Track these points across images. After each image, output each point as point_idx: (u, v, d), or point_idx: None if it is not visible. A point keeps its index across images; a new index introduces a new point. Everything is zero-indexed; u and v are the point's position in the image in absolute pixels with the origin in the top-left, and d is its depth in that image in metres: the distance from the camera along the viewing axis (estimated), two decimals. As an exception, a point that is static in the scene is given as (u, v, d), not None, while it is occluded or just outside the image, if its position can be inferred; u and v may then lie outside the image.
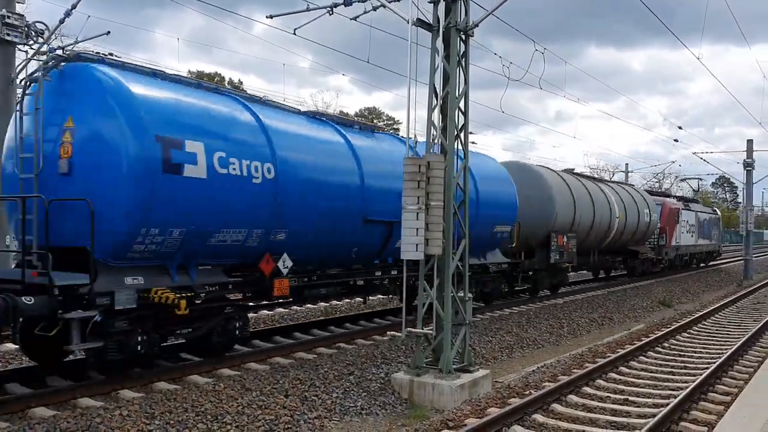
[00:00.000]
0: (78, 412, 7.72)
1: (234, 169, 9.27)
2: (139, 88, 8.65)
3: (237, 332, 10.36)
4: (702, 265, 38.86)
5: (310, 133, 11.49)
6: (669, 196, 36.56)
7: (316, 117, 12.44)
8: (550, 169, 21.56)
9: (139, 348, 8.73)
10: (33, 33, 13.98)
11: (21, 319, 7.93)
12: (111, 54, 9.80)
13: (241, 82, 62.42)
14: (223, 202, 9.14)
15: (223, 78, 60.60)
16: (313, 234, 10.92)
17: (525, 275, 19.26)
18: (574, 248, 20.64)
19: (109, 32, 18.53)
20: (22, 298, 7.61)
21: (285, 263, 10.45)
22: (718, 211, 44.75)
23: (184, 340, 10.42)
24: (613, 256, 26.76)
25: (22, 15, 13.91)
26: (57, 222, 8.27)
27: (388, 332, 13.48)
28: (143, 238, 8.38)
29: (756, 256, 44.02)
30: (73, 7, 14.30)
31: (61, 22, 14.61)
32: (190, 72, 55.09)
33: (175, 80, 9.75)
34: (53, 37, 14.80)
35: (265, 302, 14.34)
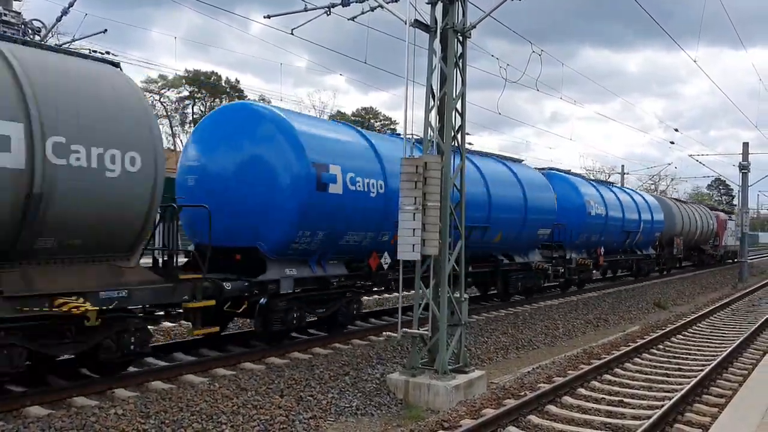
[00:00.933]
0: (73, 411, 7.70)
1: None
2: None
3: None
4: (734, 260, 46.71)
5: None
6: (721, 210, 49.79)
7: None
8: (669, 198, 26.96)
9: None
10: (30, 31, 13.93)
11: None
12: (108, 52, 9.81)
13: (238, 81, 62.38)
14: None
15: (220, 77, 60.56)
16: None
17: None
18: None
19: (105, 30, 18.54)
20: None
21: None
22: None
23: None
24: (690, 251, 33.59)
25: (19, 13, 13.84)
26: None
27: (384, 332, 13.49)
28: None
29: (751, 259, 45.13)
30: (71, 5, 14.30)
31: (58, 20, 14.62)
32: (187, 71, 55.03)
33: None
34: (50, 35, 14.79)
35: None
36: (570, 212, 21.36)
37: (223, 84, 60.12)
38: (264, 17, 13.02)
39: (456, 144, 10.48)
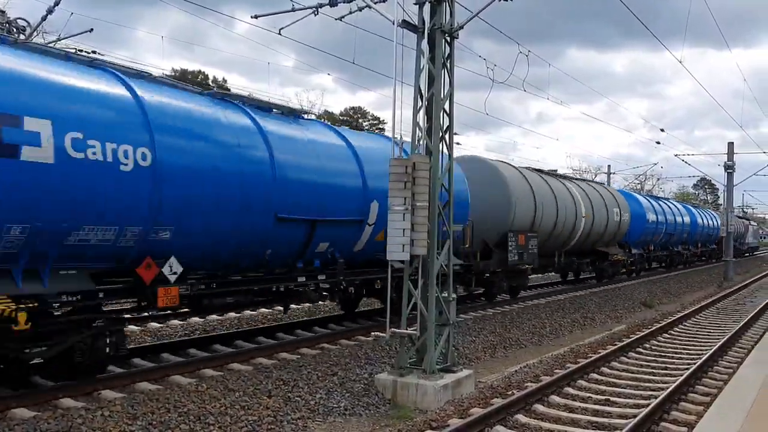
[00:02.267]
0: (59, 413, 7.66)
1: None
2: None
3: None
4: (749, 254, 67.96)
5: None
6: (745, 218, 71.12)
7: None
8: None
9: None
10: (15, 29, 13.84)
11: None
12: (94, 51, 9.74)
13: (225, 81, 62.15)
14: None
15: (207, 76, 60.30)
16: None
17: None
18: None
19: (92, 29, 18.41)
20: None
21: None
22: (755, 223, 79.44)
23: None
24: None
25: (4, 11, 13.77)
26: None
27: (372, 333, 13.49)
28: None
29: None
30: (56, 3, 14.20)
31: (44, 18, 14.51)
32: (174, 70, 54.81)
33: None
34: (35, 33, 14.68)
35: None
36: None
37: (211, 83, 59.87)
38: (252, 17, 12.98)
39: (444, 144, 10.50)
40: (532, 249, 19.26)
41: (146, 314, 12.20)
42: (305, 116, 12.38)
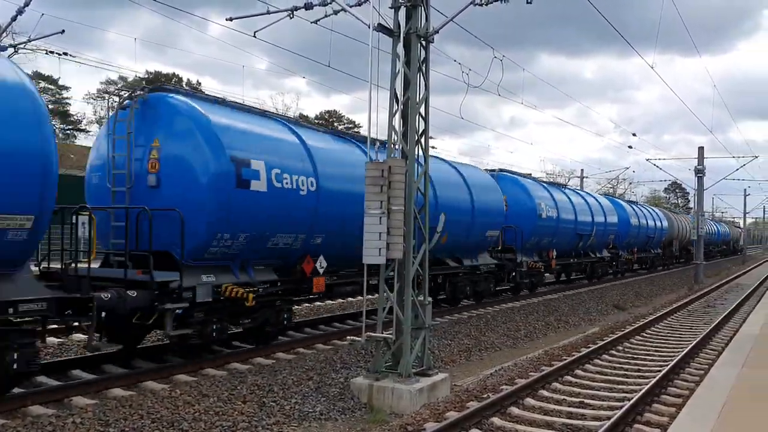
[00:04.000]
0: (28, 421, 7.53)
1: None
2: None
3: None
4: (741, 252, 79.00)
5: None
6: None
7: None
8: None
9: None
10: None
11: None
12: (66, 53, 9.72)
13: (200, 83, 61.73)
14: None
15: (181, 79, 59.86)
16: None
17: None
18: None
19: (63, 31, 18.18)
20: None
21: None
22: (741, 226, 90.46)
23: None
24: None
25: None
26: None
27: (348, 337, 13.40)
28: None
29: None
30: (26, 4, 13.99)
31: (13, 19, 14.30)
32: (147, 72, 54.28)
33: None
34: (5, 34, 14.45)
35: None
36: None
37: (184, 86, 59.41)
38: (226, 19, 12.89)
39: (420, 148, 10.52)
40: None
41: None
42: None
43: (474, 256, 18.55)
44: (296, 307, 17.05)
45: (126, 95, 10.82)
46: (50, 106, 61.66)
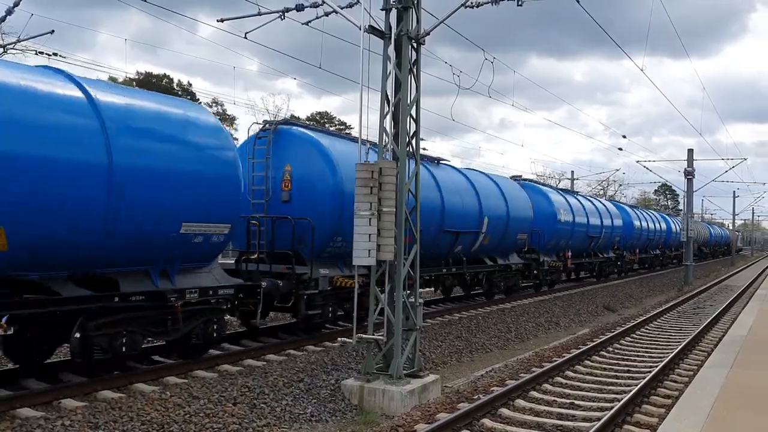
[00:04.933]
0: (17, 423, 7.48)
1: None
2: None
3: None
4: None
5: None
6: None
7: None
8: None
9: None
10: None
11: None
12: (56, 54, 9.66)
13: (191, 84, 61.50)
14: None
15: (172, 80, 59.60)
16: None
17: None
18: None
19: (53, 31, 18.09)
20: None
21: None
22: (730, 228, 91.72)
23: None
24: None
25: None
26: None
27: (339, 338, 13.39)
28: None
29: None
30: (16, 4, 13.91)
31: (2, 20, 14.19)
32: (138, 73, 54.07)
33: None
34: (-6, 34, 14.38)
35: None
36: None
37: (175, 87, 59.19)
38: (218, 20, 12.88)
39: (411, 149, 10.53)
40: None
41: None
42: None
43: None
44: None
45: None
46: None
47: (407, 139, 10.39)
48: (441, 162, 18.13)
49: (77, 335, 8.73)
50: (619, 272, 35.41)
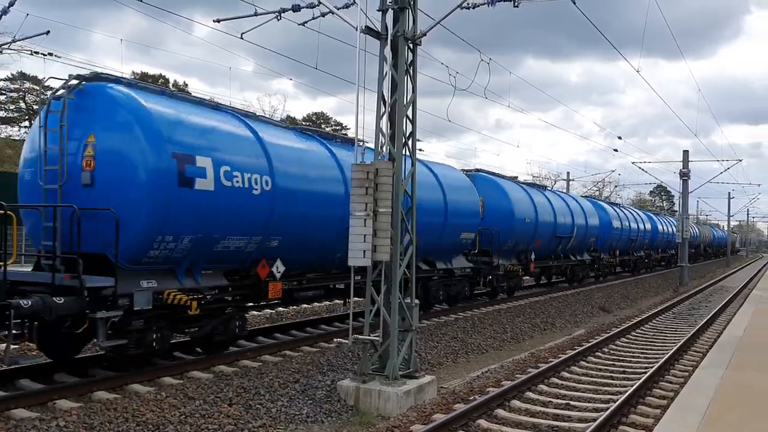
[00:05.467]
0: (12, 424, 7.45)
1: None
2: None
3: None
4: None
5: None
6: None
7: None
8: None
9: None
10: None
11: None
12: (51, 54, 9.63)
13: (186, 85, 61.46)
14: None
15: (168, 80, 59.56)
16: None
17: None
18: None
19: (48, 32, 18.05)
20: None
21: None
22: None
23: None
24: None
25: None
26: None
27: (335, 339, 13.40)
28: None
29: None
30: (11, 4, 13.87)
31: (-3, 19, 14.13)
32: (134, 73, 54.03)
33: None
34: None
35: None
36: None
37: (171, 87, 59.16)
38: (214, 21, 12.87)
39: (407, 150, 10.53)
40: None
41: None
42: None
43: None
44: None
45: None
46: (35, 107, 61.25)
47: (403, 140, 10.38)
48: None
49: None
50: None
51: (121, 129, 9.16)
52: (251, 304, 12.25)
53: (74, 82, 9.57)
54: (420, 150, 16.73)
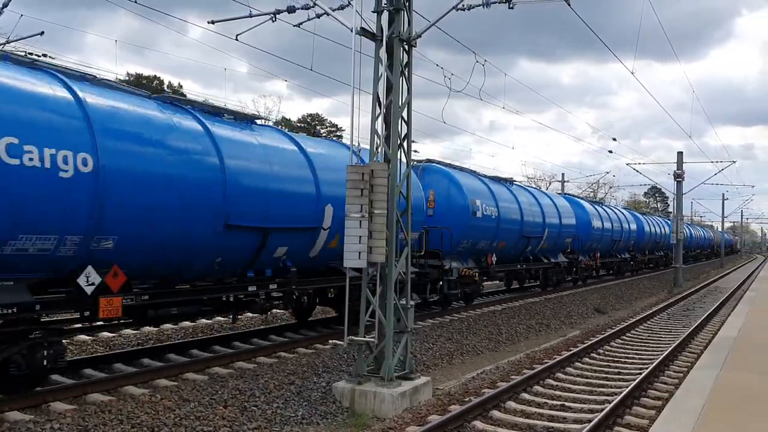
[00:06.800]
0: (6, 427, 7.42)
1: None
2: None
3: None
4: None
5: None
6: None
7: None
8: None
9: None
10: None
11: None
12: (45, 55, 9.54)
13: (181, 86, 61.36)
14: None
15: (163, 81, 59.48)
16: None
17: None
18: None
19: (42, 32, 17.98)
20: None
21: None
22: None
23: None
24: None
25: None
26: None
27: (330, 341, 13.38)
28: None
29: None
30: (5, 5, 13.83)
31: (-9, 20, 14.07)
32: (128, 74, 53.92)
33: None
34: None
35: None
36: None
37: (166, 89, 59.05)
38: (208, 22, 12.84)
39: (402, 152, 10.53)
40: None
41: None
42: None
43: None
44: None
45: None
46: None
47: (398, 142, 10.39)
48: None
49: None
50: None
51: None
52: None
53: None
54: (415, 151, 16.73)
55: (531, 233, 23.15)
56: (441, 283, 17.48)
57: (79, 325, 12.40)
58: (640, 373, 11.74)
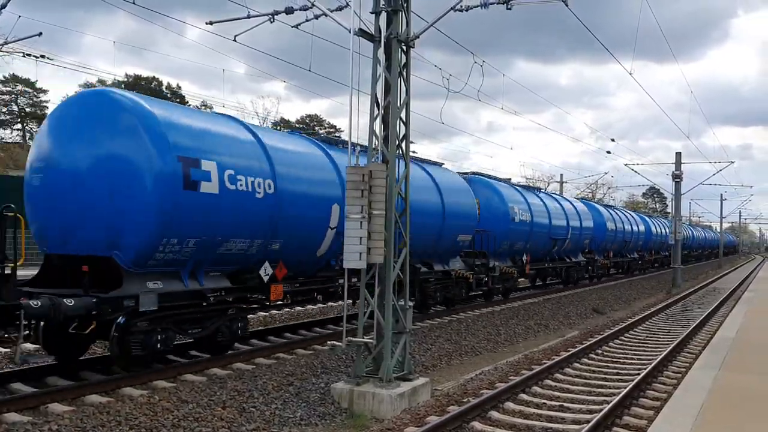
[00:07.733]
0: (4, 428, 7.42)
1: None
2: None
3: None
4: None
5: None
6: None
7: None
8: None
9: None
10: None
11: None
12: (43, 56, 9.57)
13: (180, 87, 61.37)
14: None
15: (161, 82, 59.49)
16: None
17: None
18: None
19: (40, 33, 18.00)
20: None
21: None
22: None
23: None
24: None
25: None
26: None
27: (329, 342, 13.41)
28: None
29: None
30: (3, 6, 13.83)
31: (-11, 21, 14.05)
32: (127, 75, 53.90)
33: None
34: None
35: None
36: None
37: (164, 90, 59.04)
38: (207, 23, 12.85)
39: (400, 152, 10.53)
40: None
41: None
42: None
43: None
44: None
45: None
46: (27, 109, 60.98)
47: (397, 142, 10.39)
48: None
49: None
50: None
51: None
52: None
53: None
54: (413, 152, 16.64)
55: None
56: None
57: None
58: (639, 374, 11.73)
